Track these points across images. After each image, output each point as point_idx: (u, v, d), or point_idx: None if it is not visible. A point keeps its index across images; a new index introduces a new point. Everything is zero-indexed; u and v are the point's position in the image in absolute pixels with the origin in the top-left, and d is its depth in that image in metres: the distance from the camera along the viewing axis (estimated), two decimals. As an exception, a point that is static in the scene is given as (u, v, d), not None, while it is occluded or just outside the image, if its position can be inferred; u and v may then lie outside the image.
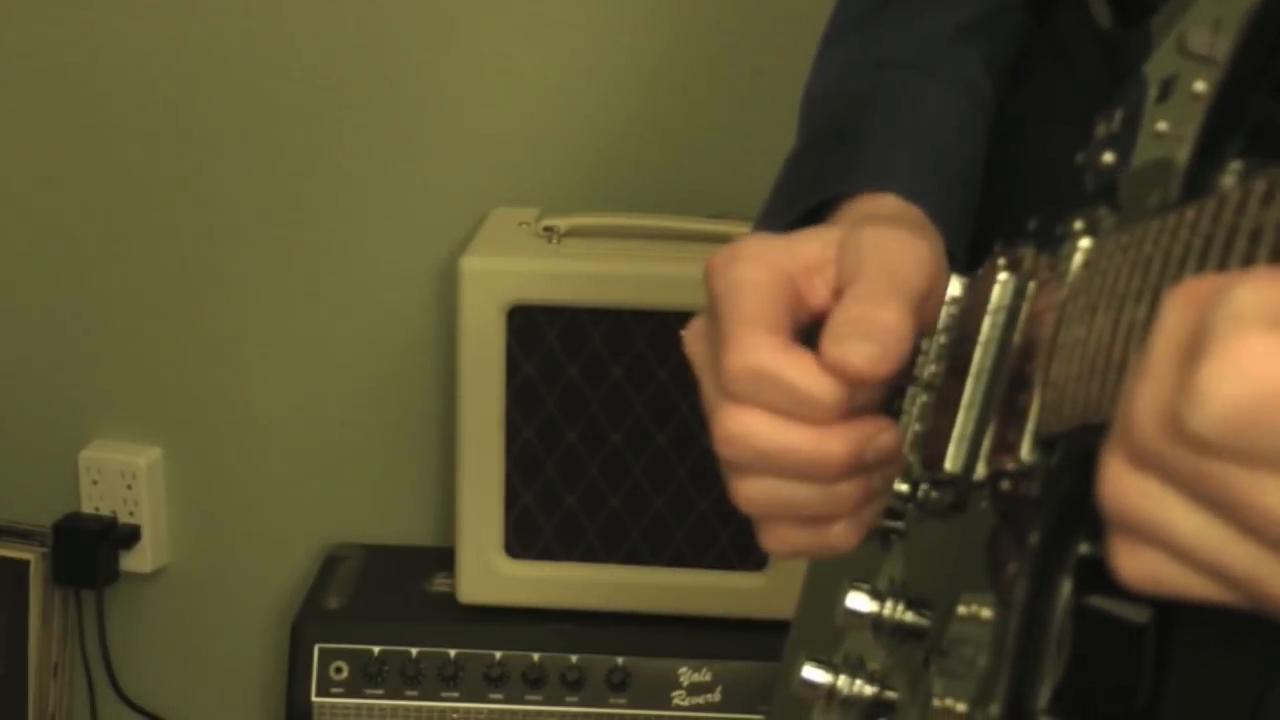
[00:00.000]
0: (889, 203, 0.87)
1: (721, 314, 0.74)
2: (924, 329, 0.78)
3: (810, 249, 0.76)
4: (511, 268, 1.74)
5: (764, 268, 0.75)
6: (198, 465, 2.05)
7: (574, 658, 1.78)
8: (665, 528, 1.77)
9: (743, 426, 0.73)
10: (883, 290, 0.72)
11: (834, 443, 0.72)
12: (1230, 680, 0.66)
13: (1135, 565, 0.55)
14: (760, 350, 0.72)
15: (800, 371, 0.71)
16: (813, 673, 0.84)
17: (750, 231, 0.95)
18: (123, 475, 2.04)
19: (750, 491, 0.75)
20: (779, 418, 0.72)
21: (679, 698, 1.77)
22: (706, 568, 1.77)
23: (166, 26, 1.94)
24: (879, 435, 0.74)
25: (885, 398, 0.77)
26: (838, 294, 0.74)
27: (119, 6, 1.94)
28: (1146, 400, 0.52)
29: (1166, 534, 0.53)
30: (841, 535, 0.76)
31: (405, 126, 1.93)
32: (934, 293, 0.77)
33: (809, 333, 0.74)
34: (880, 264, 0.74)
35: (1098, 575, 0.67)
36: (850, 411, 0.72)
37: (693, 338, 0.78)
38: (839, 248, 0.76)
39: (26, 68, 1.97)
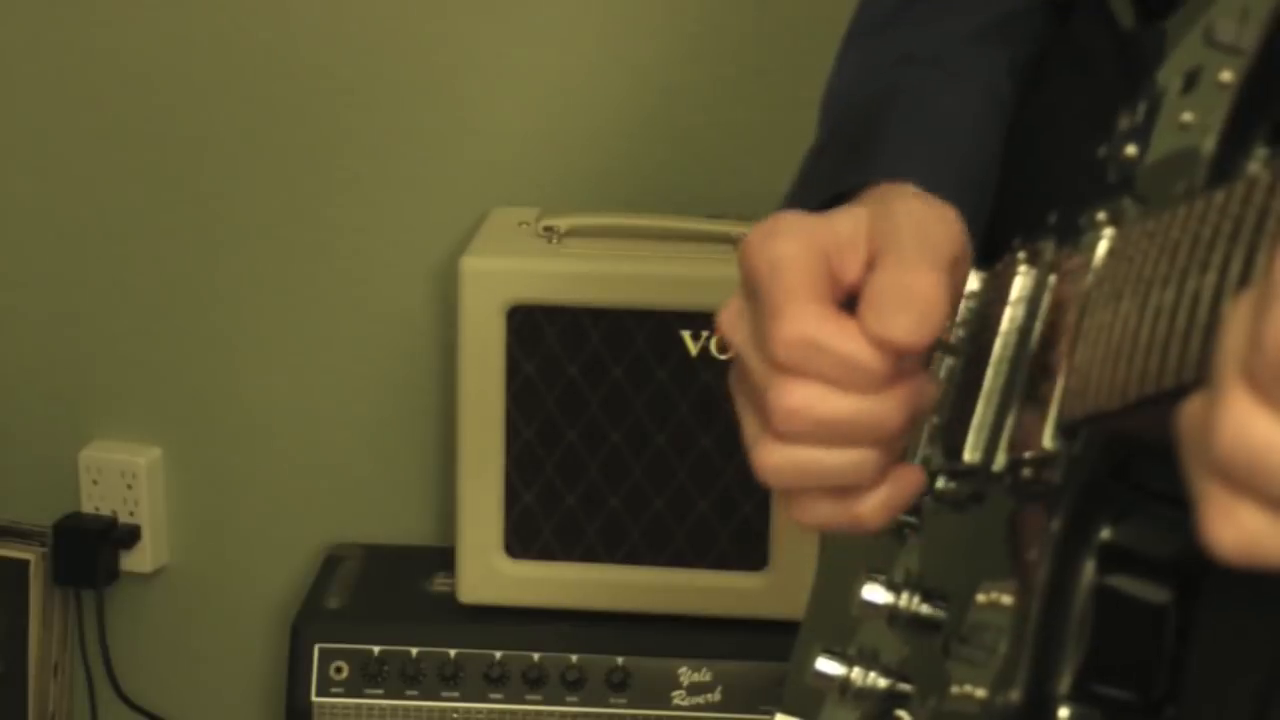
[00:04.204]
0: (909, 188, 0.87)
1: (766, 288, 0.75)
2: (955, 295, 0.78)
3: (843, 224, 0.77)
4: (511, 268, 1.74)
5: (801, 243, 0.75)
6: (198, 465, 2.05)
7: (574, 658, 1.78)
8: (665, 528, 1.77)
9: (804, 398, 0.73)
10: (917, 256, 0.74)
11: (893, 406, 0.74)
12: (1249, 661, 0.66)
13: (1233, 527, 0.51)
14: (812, 319, 0.73)
15: (851, 341, 0.73)
16: (827, 664, 0.85)
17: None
18: (123, 475, 2.04)
19: (781, 461, 0.75)
20: (833, 388, 0.73)
21: (679, 698, 1.77)
22: (706, 568, 1.78)
23: (167, 26, 1.94)
24: (925, 390, 0.76)
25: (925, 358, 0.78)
26: (871, 267, 0.75)
27: (119, 7, 1.94)
28: None
29: None
30: (871, 511, 0.77)
31: (405, 126, 1.93)
32: (963, 259, 0.78)
33: (844, 310, 0.75)
34: (913, 230, 0.75)
35: (1120, 560, 0.68)
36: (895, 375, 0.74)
37: (729, 321, 0.78)
38: (870, 220, 0.76)
39: (27, 68, 1.97)
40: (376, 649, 1.78)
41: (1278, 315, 0.48)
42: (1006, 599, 0.73)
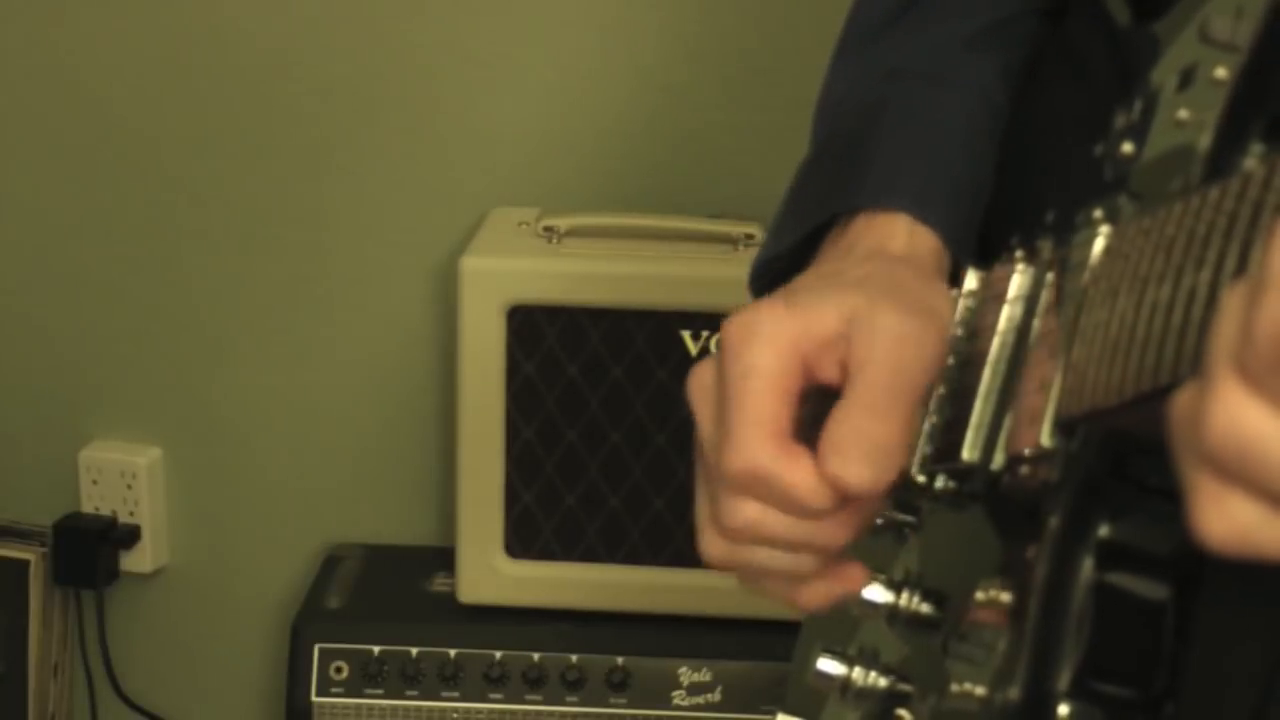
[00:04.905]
0: (899, 233, 0.87)
1: (731, 399, 0.77)
2: (918, 422, 0.81)
3: (825, 323, 0.77)
4: (511, 268, 1.74)
5: (778, 354, 0.77)
6: (198, 465, 2.05)
7: (574, 658, 1.78)
8: (665, 528, 1.77)
9: (749, 518, 0.77)
10: (889, 398, 0.75)
11: (838, 529, 0.78)
12: (1248, 657, 0.66)
13: (1223, 518, 0.51)
14: (761, 454, 0.76)
15: (798, 477, 0.75)
16: (827, 664, 0.85)
17: (763, 241, 0.97)
18: (123, 475, 2.04)
19: (724, 555, 0.81)
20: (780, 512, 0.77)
21: (679, 698, 1.77)
22: (706, 568, 1.77)
23: (166, 26, 1.94)
24: (872, 509, 0.79)
25: None
26: (845, 372, 0.77)
27: (117, 8, 1.94)
28: (1275, 312, 0.48)
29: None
30: (809, 600, 0.81)
31: (405, 126, 1.94)
32: (936, 369, 0.80)
33: (817, 396, 0.78)
34: (890, 364, 0.76)
35: (1118, 556, 0.68)
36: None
37: (698, 391, 0.81)
38: (852, 326, 0.77)
39: (26, 69, 1.97)
40: (376, 649, 1.79)
41: (1268, 306, 0.48)
42: (1005, 597, 0.73)
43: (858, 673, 0.84)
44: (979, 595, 0.76)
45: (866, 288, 0.79)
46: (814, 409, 0.77)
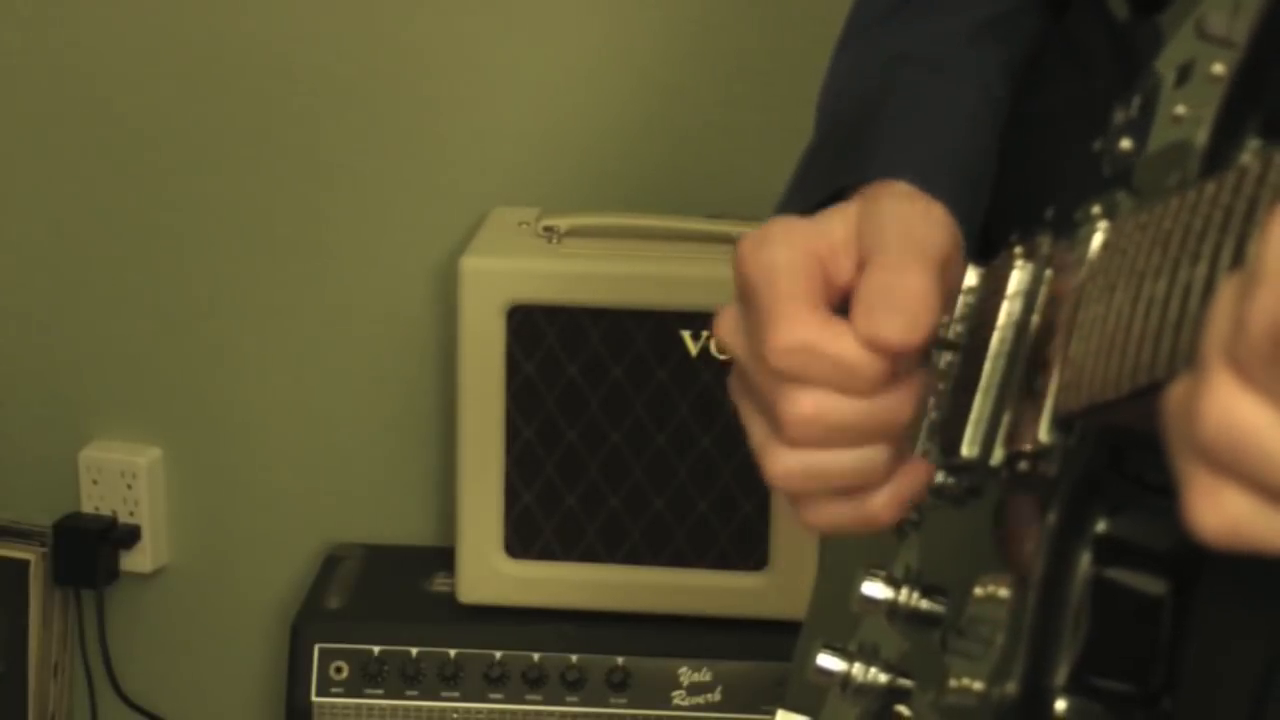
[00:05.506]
0: (902, 186, 0.87)
1: (760, 295, 0.75)
2: (948, 292, 0.79)
3: (834, 227, 0.77)
4: (511, 268, 1.74)
5: (794, 249, 0.76)
6: (198, 465, 2.06)
7: (574, 658, 1.78)
8: (665, 528, 1.77)
9: (814, 405, 0.74)
10: (906, 256, 0.74)
11: (898, 403, 0.74)
12: (1246, 652, 0.66)
13: (1217, 511, 0.51)
14: (806, 326, 0.73)
15: (846, 345, 0.73)
16: (828, 660, 0.85)
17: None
18: (123, 475, 2.04)
19: (792, 466, 0.76)
20: (839, 393, 0.74)
21: (679, 698, 1.77)
22: (706, 568, 1.78)
23: (165, 27, 1.94)
24: (926, 382, 0.77)
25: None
26: (862, 268, 0.75)
27: (118, 8, 1.94)
28: (1267, 304, 0.48)
29: (1275, 471, 0.50)
30: (883, 507, 0.78)
31: (405, 126, 1.94)
32: (953, 255, 0.79)
33: (838, 313, 0.75)
34: (900, 230, 0.75)
35: (1116, 552, 0.68)
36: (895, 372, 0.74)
37: (726, 329, 0.79)
38: (859, 220, 0.77)
39: (26, 69, 1.97)
40: (376, 649, 1.79)
41: (1261, 299, 0.48)
42: (1003, 592, 0.73)
43: (858, 669, 0.84)
44: (978, 591, 0.76)
45: (865, 199, 0.80)
46: None
